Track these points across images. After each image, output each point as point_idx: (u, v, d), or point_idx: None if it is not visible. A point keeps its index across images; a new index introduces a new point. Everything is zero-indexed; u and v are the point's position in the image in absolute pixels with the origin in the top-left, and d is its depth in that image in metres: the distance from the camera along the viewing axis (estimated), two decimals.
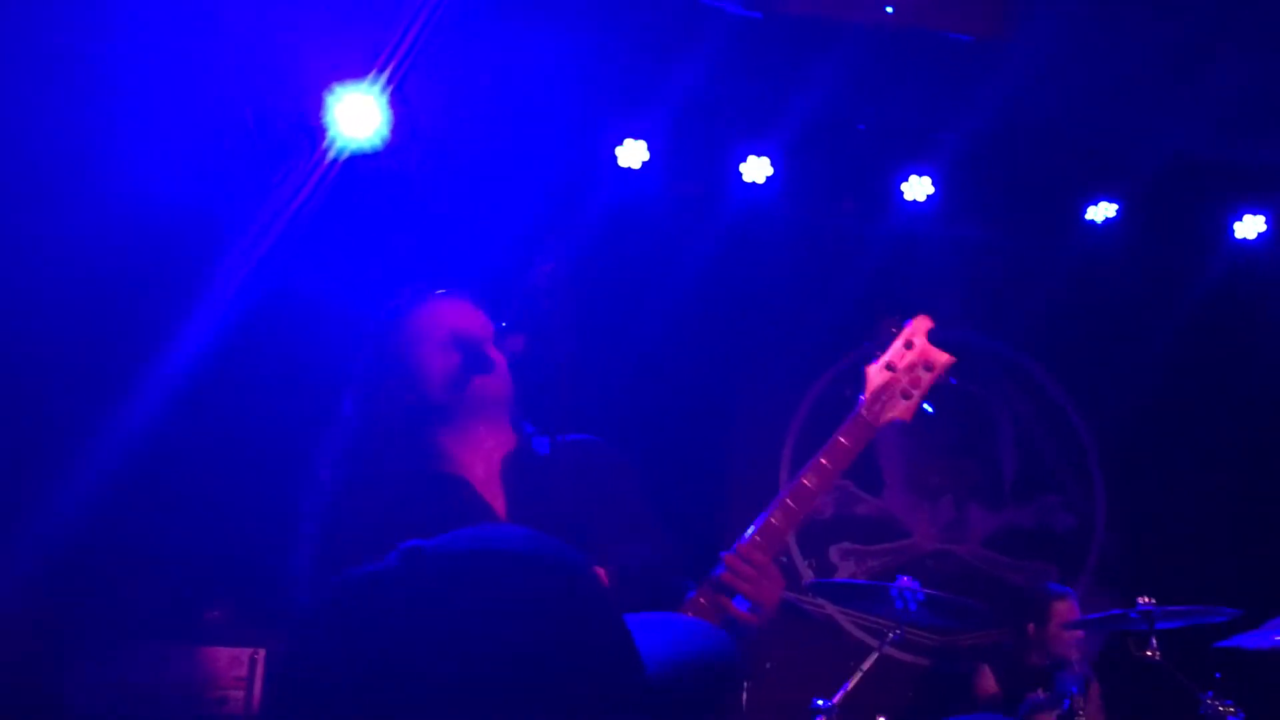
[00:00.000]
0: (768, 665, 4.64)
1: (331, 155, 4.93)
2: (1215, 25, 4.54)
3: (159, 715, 4.08)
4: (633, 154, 5.36)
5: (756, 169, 5.52)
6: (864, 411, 2.39)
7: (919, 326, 2.48)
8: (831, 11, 3.67)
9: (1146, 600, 4.33)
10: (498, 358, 2.34)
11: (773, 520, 2.25)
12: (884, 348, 2.47)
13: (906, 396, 2.42)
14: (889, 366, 2.44)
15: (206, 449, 4.73)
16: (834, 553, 5.96)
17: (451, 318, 2.38)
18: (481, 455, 2.33)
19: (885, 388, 2.42)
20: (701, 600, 2.20)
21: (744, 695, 4.43)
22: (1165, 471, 6.11)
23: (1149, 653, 4.26)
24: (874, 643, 4.52)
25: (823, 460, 2.32)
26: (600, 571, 2.07)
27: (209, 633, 4.26)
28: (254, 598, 4.40)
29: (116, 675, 4.09)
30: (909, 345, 2.45)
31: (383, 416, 2.34)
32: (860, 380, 2.44)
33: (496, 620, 1.16)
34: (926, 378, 2.44)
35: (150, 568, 4.54)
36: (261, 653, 4.13)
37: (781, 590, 2.24)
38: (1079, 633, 4.81)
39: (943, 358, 2.46)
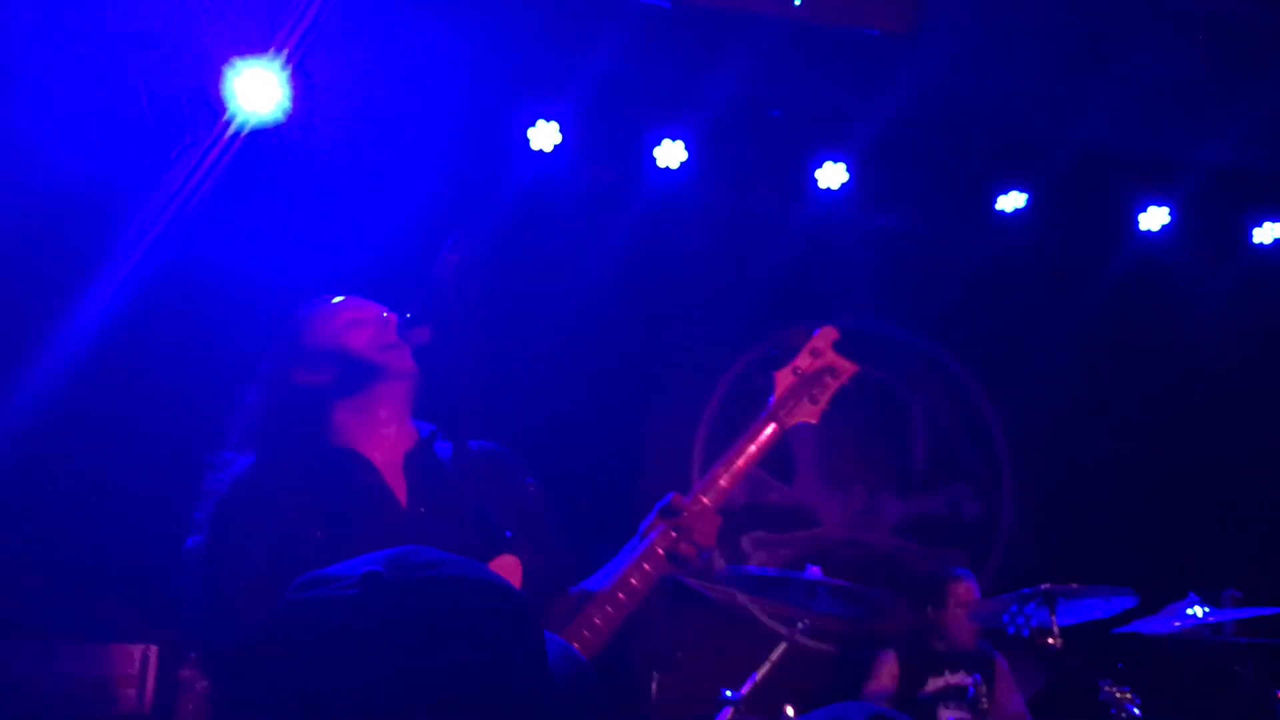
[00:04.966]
0: (679, 655, 4.60)
1: (232, 130, 4.81)
2: (1123, 18, 4.58)
3: (48, 714, 3.93)
4: (545, 136, 5.27)
5: (671, 153, 5.46)
6: (773, 412, 2.59)
7: (826, 336, 2.70)
8: (738, 4, 3.63)
9: (1047, 585, 4.38)
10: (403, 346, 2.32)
11: (697, 500, 2.43)
12: (793, 354, 2.69)
13: (814, 401, 2.63)
14: (795, 371, 2.64)
15: (100, 434, 4.57)
16: (746, 541, 5.95)
17: (354, 320, 2.39)
18: (382, 442, 2.34)
19: (792, 392, 2.62)
20: (658, 550, 2.36)
21: (654, 685, 4.41)
22: (1073, 460, 6.21)
23: (1050, 640, 4.31)
24: (784, 631, 4.51)
25: (737, 462, 2.50)
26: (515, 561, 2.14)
27: (100, 629, 4.12)
28: (147, 592, 4.26)
29: (2, 673, 3.92)
30: (815, 353, 2.67)
31: (281, 394, 2.36)
32: (770, 382, 2.65)
33: (453, 645, 1.23)
34: (832, 384, 2.66)
35: (39, 561, 4.38)
36: (154, 649, 3.99)
37: (717, 526, 2.41)
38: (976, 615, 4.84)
39: (848, 366, 2.69)
